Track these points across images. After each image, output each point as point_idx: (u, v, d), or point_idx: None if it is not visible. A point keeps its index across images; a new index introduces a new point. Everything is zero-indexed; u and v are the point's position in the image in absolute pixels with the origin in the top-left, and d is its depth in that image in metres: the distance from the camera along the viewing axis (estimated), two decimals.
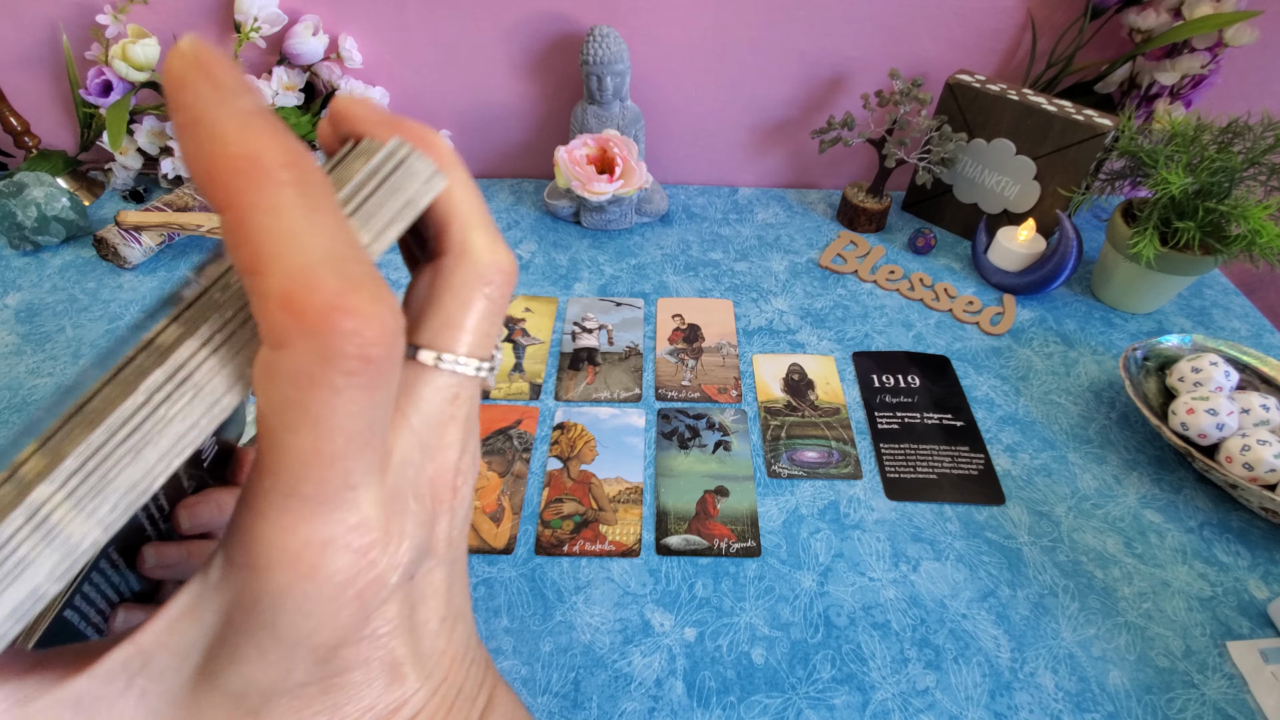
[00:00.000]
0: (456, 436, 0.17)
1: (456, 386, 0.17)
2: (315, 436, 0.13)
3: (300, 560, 0.13)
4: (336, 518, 0.14)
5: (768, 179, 0.87)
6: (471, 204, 0.17)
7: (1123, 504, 0.52)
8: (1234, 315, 0.69)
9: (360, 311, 0.12)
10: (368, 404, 0.13)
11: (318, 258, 0.12)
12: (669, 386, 0.60)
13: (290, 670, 0.15)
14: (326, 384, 0.12)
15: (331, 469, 0.13)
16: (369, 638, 0.16)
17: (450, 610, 0.18)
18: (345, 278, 0.12)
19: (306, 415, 0.12)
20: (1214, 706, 0.41)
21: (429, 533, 0.16)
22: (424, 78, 0.77)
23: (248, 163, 0.11)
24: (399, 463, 0.15)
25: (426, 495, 0.16)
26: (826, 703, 0.41)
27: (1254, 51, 0.71)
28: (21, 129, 0.76)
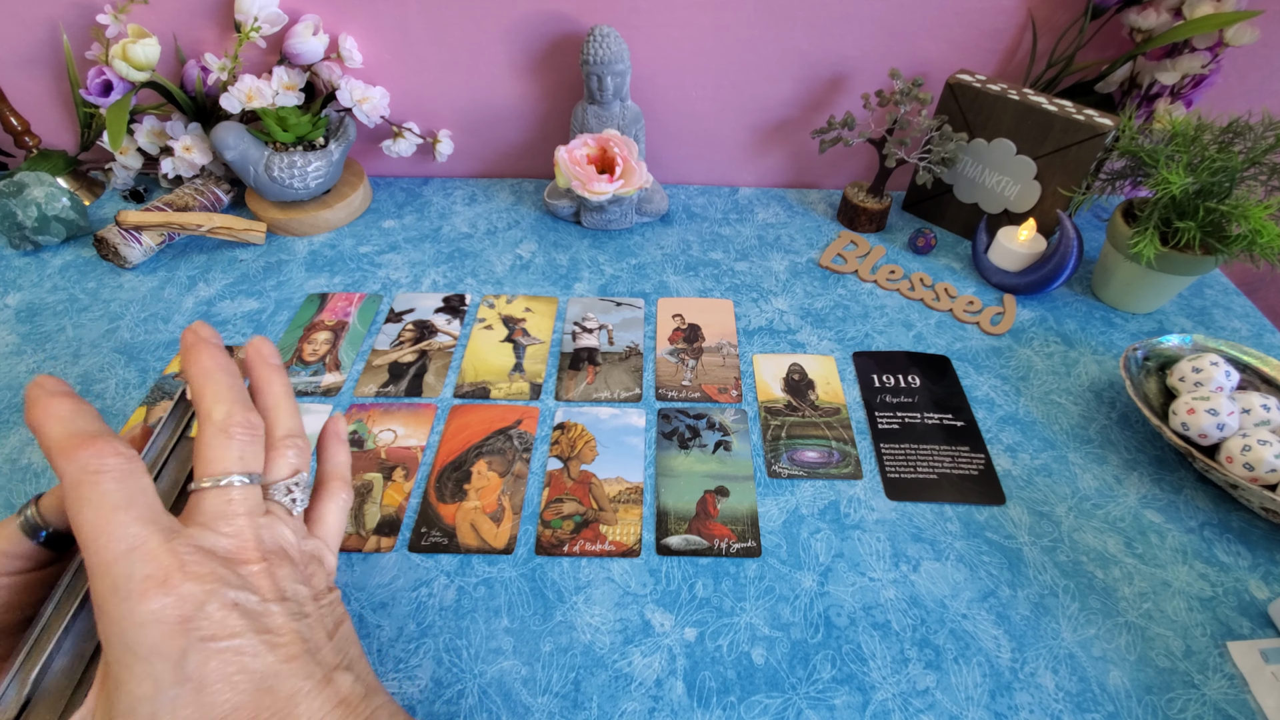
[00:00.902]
0: (242, 525, 0.26)
1: (226, 495, 0.26)
2: (90, 511, 0.22)
3: (118, 590, 0.22)
4: (131, 559, 0.22)
5: (768, 179, 0.87)
6: (214, 387, 0.27)
7: (1123, 504, 0.52)
8: (1234, 315, 0.69)
9: (96, 443, 0.23)
10: (120, 487, 0.22)
11: (71, 428, 0.23)
12: (669, 386, 0.60)
13: (158, 679, 0.21)
14: (86, 481, 0.22)
15: (109, 527, 0.22)
16: (211, 646, 0.22)
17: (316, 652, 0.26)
18: (89, 432, 0.23)
19: (81, 500, 0.22)
20: (1214, 707, 0.41)
21: (243, 580, 0.25)
22: (424, 78, 0.77)
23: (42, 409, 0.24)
24: (190, 536, 0.24)
25: (223, 557, 0.25)
26: (827, 703, 0.41)
27: (1255, 51, 0.71)
28: (22, 129, 0.76)
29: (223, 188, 0.76)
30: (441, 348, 0.63)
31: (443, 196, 0.83)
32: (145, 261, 0.71)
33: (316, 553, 0.30)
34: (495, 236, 0.77)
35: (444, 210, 0.80)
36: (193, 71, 0.73)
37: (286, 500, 0.29)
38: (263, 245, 0.74)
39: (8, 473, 0.51)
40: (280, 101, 0.71)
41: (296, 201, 0.75)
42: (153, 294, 0.67)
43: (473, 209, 0.81)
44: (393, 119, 0.80)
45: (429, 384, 0.59)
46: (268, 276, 0.70)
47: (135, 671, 0.21)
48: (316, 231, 0.76)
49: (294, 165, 0.71)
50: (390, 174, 0.86)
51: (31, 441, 0.53)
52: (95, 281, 0.69)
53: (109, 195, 0.80)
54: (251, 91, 0.70)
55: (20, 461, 0.52)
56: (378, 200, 0.82)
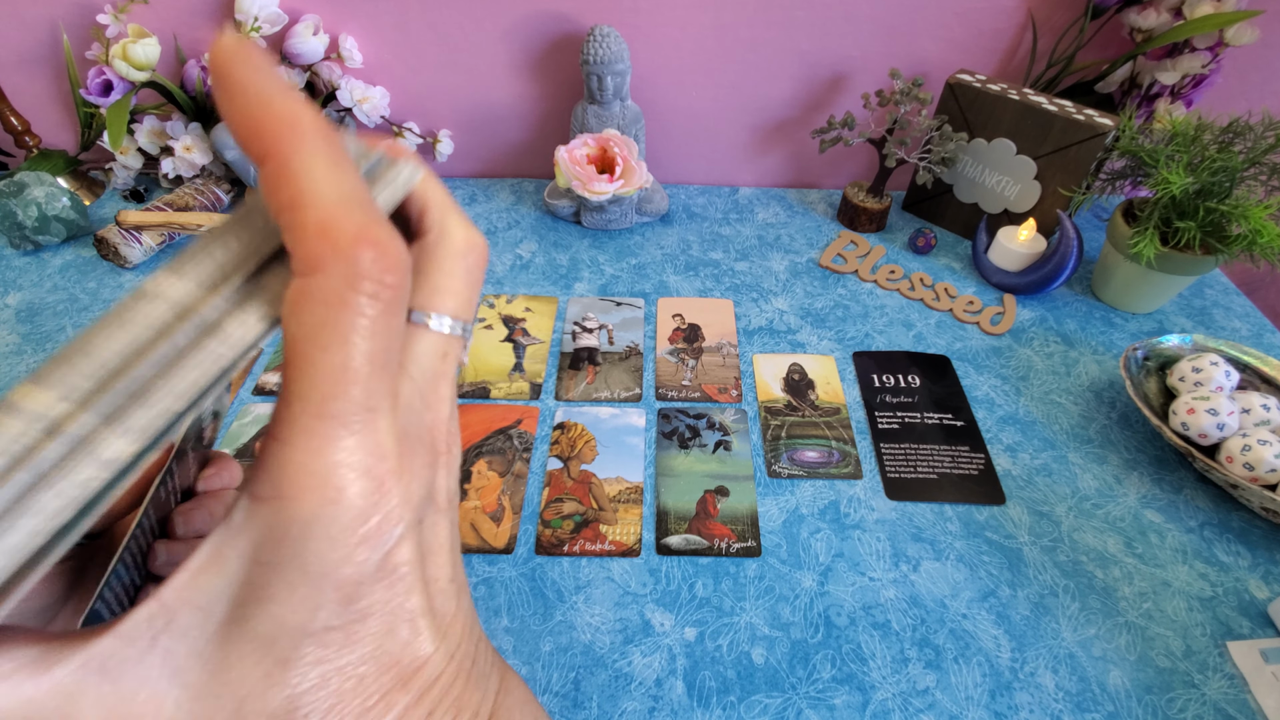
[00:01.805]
0: (447, 391, 0.19)
1: (445, 344, 0.19)
2: (344, 353, 0.14)
3: (327, 483, 0.14)
4: (358, 442, 0.15)
5: (768, 179, 0.87)
6: (443, 194, 0.20)
7: (1123, 504, 0.52)
8: (1234, 315, 0.69)
9: (381, 243, 0.14)
10: (385, 328, 0.15)
11: (348, 198, 0.14)
12: (669, 386, 0.60)
13: (317, 609, 0.15)
14: (354, 304, 0.14)
15: (356, 386, 0.14)
16: (387, 577, 0.16)
17: (456, 572, 0.19)
18: (367, 216, 0.14)
19: (337, 333, 0.14)
20: (1214, 706, 0.41)
21: (431, 480, 0.18)
22: (424, 78, 0.77)
23: (289, 121, 0.14)
24: (404, 405, 0.17)
25: (428, 441, 0.18)
26: (827, 702, 0.41)
27: (1255, 51, 0.71)
28: (22, 129, 0.76)
29: (223, 188, 0.76)
30: None
31: None
32: (145, 261, 0.71)
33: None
34: (495, 236, 0.77)
35: None
36: (193, 71, 0.73)
37: (467, 335, 0.21)
38: None
39: None
40: None
41: None
42: None
43: (473, 209, 0.81)
44: (393, 119, 0.80)
45: None
46: None
47: (297, 593, 0.15)
48: None
49: None
50: None
51: None
52: (95, 281, 0.69)
53: (109, 195, 0.80)
54: None
55: None
56: None
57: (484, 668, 0.20)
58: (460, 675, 0.19)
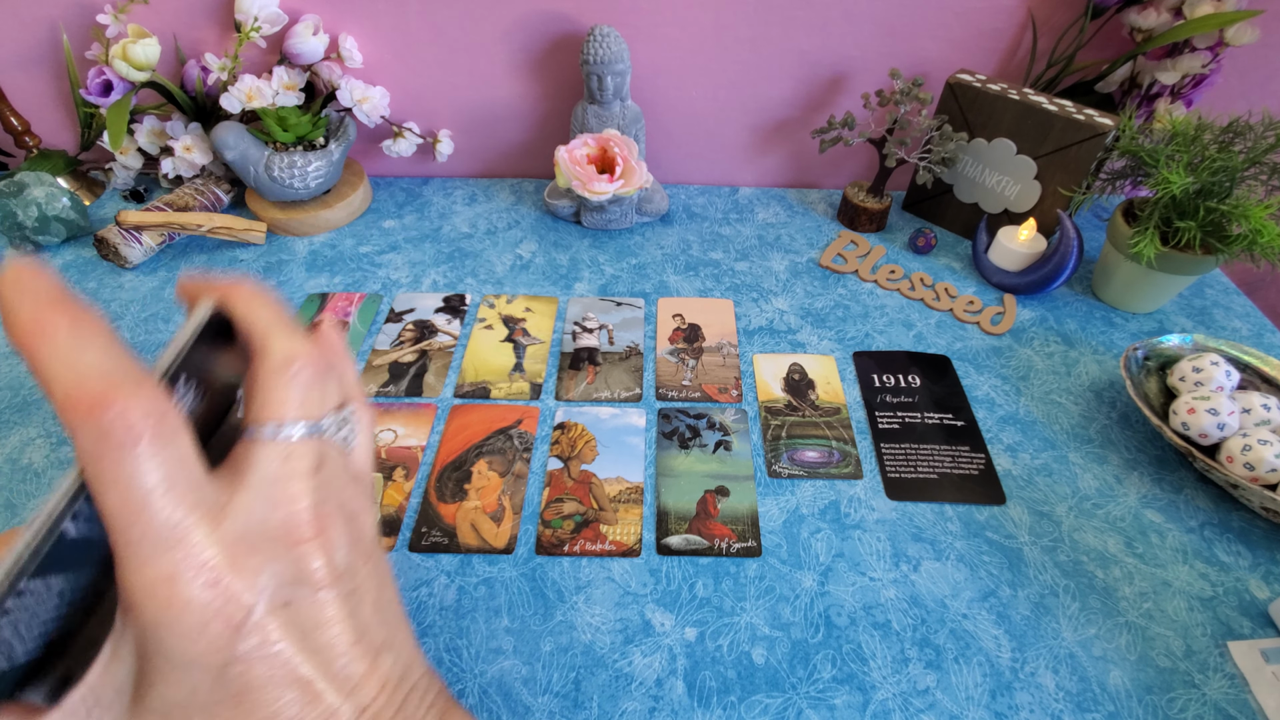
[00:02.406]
0: (301, 489, 0.21)
1: (285, 451, 0.21)
2: (116, 494, 0.17)
3: (156, 595, 0.17)
4: (173, 556, 0.17)
5: (768, 179, 0.87)
6: (266, 316, 0.22)
7: (1123, 504, 0.52)
8: (1235, 315, 0.69)
9: (118, 400, 0.16)
10: (155, 463, 0.17)
11: (83, 372, 0.16)
12: (669, 386, 0.60)
13: (194, 688, 0.18)
14: (109, 456, 0.16)
15: (143, 516, 0.17)
16: (258, 657, 0.19)
17: (363, 636, 0.22)
18: (106, 379, 0.16)
19: (105, 480, 0.16)
20: (1215, 706, 0.41)
21: (295, 566, 0.20)
22: (424, 78, 0.77)
23: (30, 321, 0.16)
24: (241, 514, 0.19)
25: (279, 536, 0.20)
26: (827, 703, 0.41)
27: (1255, 51, 0.71)
28: (22, 129, 0.76)
29: (223, 188, 0.76)
30: (442, 348, 0.63)
31: (443, 196, 0.83)
32: (145, 261, 0.71)
33: (367, 491, 0.25)
34: (495, 236, 0.77)
35: (444, 210, 0.80)
36: (193, 71, 0.73)
37: (340, 437, 0.23)
38: (263, 245, 0.74)
39: (8, 473, 0.51)
40: (280, 101, 0.71)
41: (296, 201, 0.75)
42: (153, 294, 0.67)
43: (473, 209, 0.81)
44: (393, 119, 0.80)
45: (429, 384, 0.59)
46: (268, 276, 0.70)
47: (170, 677, 0.18)
48: (316, 231, 0.76)
49: (294, 165, 0.71)
50: (390, 174, 0.86)
51: (32, 441, 0.53)
52: (96, 281, 0.69)
53: (109, 195, 0.80)
54: (251, 91, 0.70)
55: (20, 461, 0.52)
56: (378, 200, 0.82)
57: (415, 712, 0.23)
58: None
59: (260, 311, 0.22)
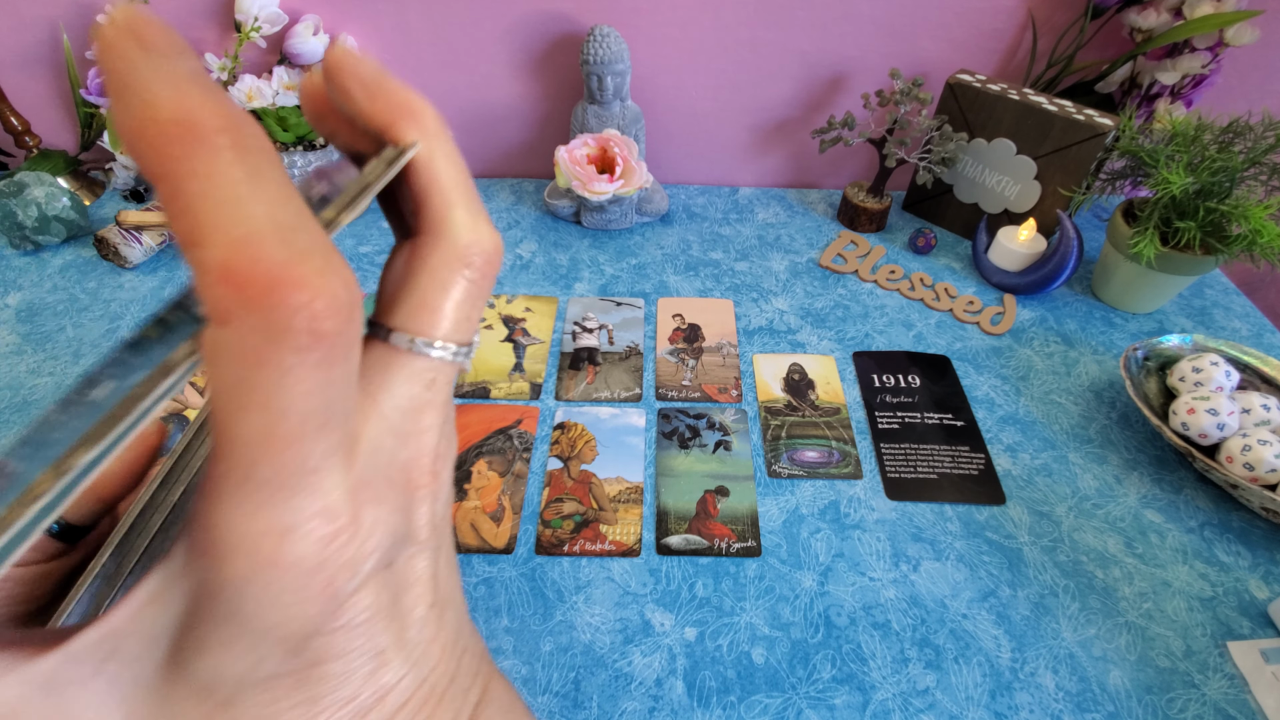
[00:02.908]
0: (433, 422, 0.16)
1: (432, 371, 0.16)
2: (266, 418, 0.12)
3: (259, 548, 0.13)
4: (296, 504, 0.13)
5: (768, 179, 0.87)
6: (453, 179, 0.16)
7: (1123, 504, 0.52)
8: (1235, 315, 0.69)
9: (307, 283, 0.11)
10: (322, 383, 0.12)
11: (260, 226, 0.11)
12: (669, 386, 0.60)
13: (260, 661, 0.14)
14: (275, 362, 0.11)
15: (286, 452, 0.12)
16: (344, 628, 0.15)
17: (438, 596, 0.18)
18: (290, 247, 0.11)
19: (255, 396, 0.11)
20: (1214, 706, 0.41)
21: (407, 519, 0.16)
22: (424, 78, 0.77)
23: (181, 128, 0.11)
24: (369, 449, 0.15)
25: (401, 482, 0.16)
26: (827, 702, 0.41)
27: (1255, 51, 0.71)
28: (22, 129, 0.76)
29: None
30: None
31: None
32: (145, 261, 0.71)
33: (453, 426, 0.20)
34: None
35: None
36: None
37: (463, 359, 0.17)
38: None
39: None
40: (280, 101, 0.71)
41: None
42: (153, 294, 0.67)
43: None
44: None
45: None
46: None
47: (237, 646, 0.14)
48: None
49: (294, 165, 0.71)
50: None
51: None
52: (96, 281, 0.69)
53: (109, 195, 0.80)
54: (251, 91, 0.70)
55: None
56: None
57: (464, 682, 0.19)
58: (432, 697, 0.18)
59: (453, 172, 0.16)
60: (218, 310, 0.11)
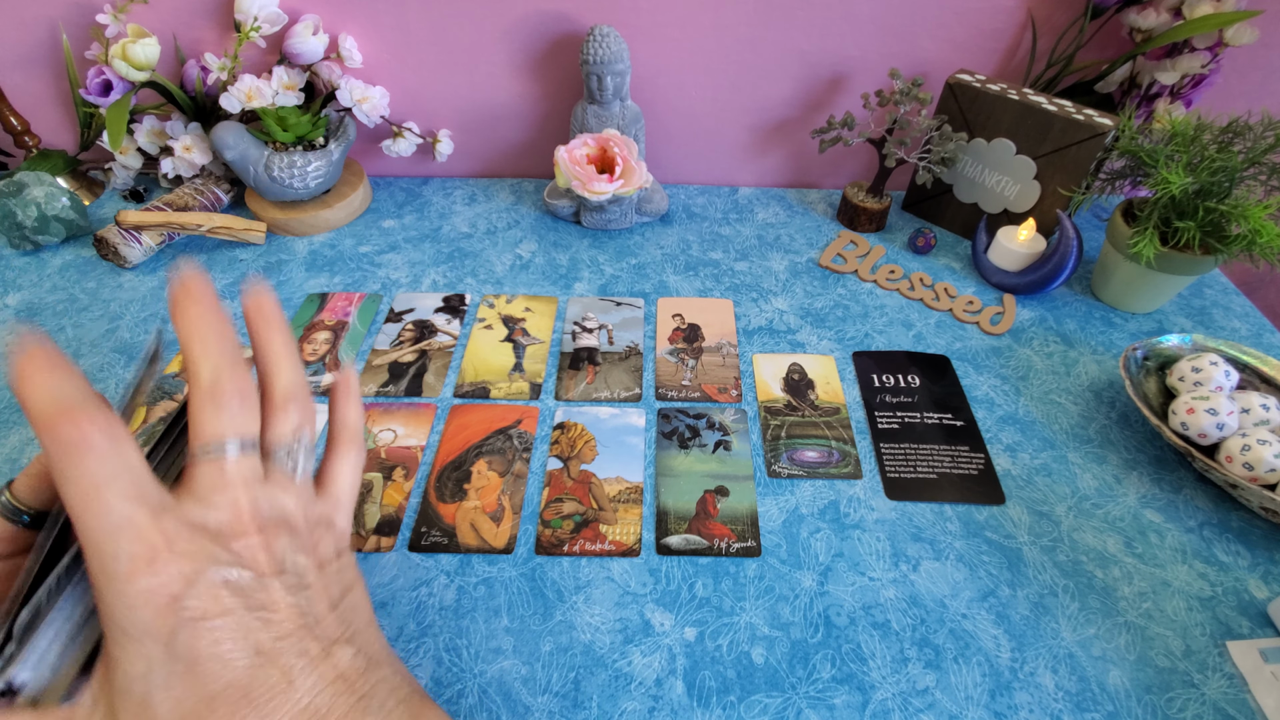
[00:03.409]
0: (239, 497, 0.24)
1: (220, 466, 0.24)
2: (75, 488, 0.20)
3: (106, 569, 0.21)
4: (121, 538, 0.21)
5: (768, 179, 0.87)
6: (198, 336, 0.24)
7: (1123, 504, 0.52)
8: (1234, 315, 0.69)
9: (75, 416, 0.20)
10: (104, 464, 0.20)
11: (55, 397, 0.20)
12: (669, 386, 0.60)
13: (150, 659, 0.21)
14: (68, 458, 0.20)
15: (94, 505, 0.20)
16: (205, 625, 0.22)
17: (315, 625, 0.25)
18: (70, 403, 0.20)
19: (65, 478, 0.20)
20: (1214, 706, 0.41)
21: (235, 555, 0.23)
22: (424, 78, 0.77)
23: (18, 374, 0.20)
24: (182, 512, 0.22)
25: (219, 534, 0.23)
26: (826, 702, 0.41)
27: (1254, 51, 0.71)
28: (21, 129, 0.76)
29: (223, 187, 0.76)
30: (441, 347, 0.63)
31: (443, 196, 0.83)
32: (145, 261, 0.71)
33: (325, 518, 0.28)
34: (495, 236, 0.77)
35: (444, 210, 0.80)
36: (193, 71, 0.73)
37: (288, 464, 0.26)
38: (263, 245, 0.74)
39: (8, 473, 0.51)
40: (280, 101, 0.71)
41: (296, 201, 0.75)
42: (153, 294, 0.67)
43: (473, 209, 0.81)
44: (393, 119, 0.80)
45: (429, 384, 0.59)
46: (268, 276, 0.70)
47: (128, 650, 0.21)
48: (316, 231, 0.76)
49: (294, 165, 0.71)
50: (390, 174, 0.86)
51: (33, 441, 0.53)
52: (95, 281, 0.69)
53: (109, 195, 0.80)
54: (251, 91, 0.70)
55: (20, 461, 0.52)
56: (378, 200, 0.82)
57: (383, 703, 0.26)
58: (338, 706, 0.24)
59: (194, 329, 0.24)
60: (42, 440, 0.20)
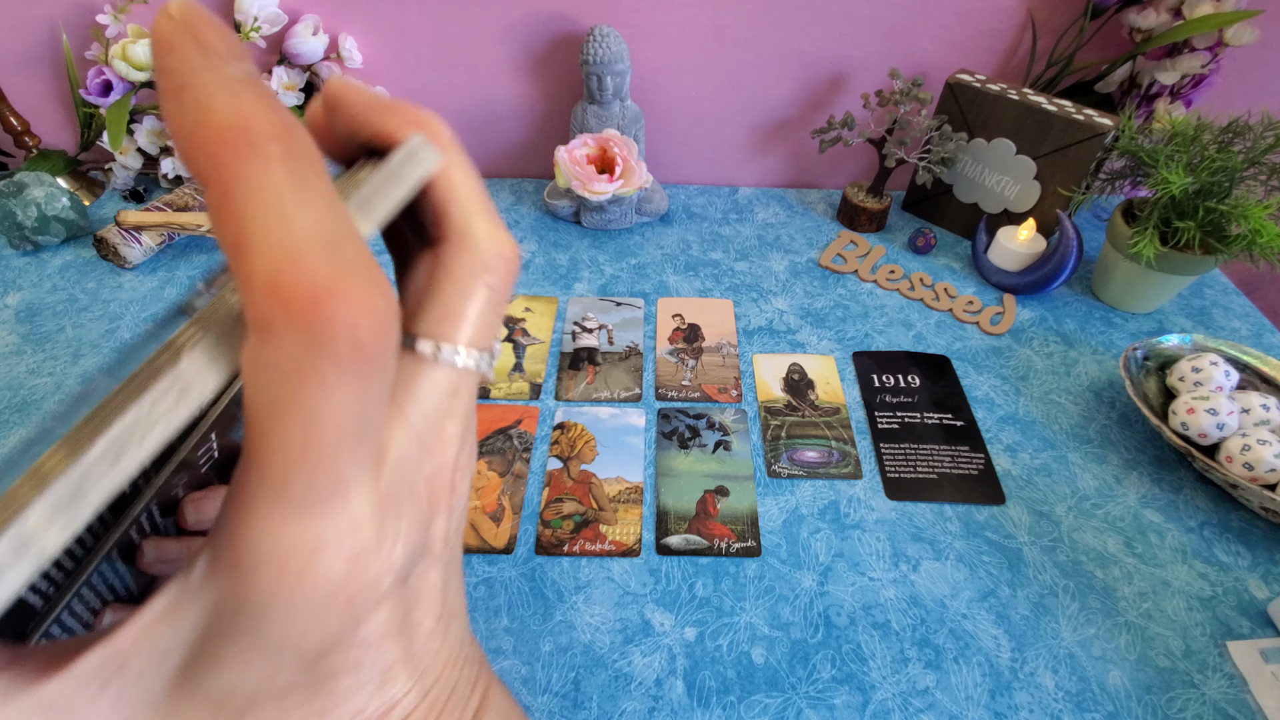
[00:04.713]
0: (455, 432, 0.16)
1: (456, 380, 0.16)
2: (305, 432, 0.12)
3: (288, 564, 0.13)
4: (328, 520, 0.13)
5: (768, 179, 0.87)
6: (472, 189, 0.17)
7: (1123, 504, 0.52)
8: (1234, 315, 0.69)
9: (352, 298, 0.11)
10: (361, 398, 0.12)
11: (307, 238, 0.11)
12: (669, 386, 0.60)
13: (275, 674, 0.14)
14: (316, 377, 0.11)
15: (322, 467, 0.12)
16: (360, 643, 0.15)
17: (445, 609, 0.18)
18: (337, 261, 0.11)
19: (295, 410, 0.11)
20: (1214, 706, 0.41)
21: (425, 533, 0.16)
22: (424, 78, 0.77)
23: (235, 133, 0.11)
24: (395, 460, 0.14)
25: (423, 494, 0.15)
26: (826, 702, 0.41)
27: (1254, 51, 0.71)
28: (21, 129, 0.76)
29: None
30: None
31: None
32: (145, 261, 0.71)
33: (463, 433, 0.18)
34: None
35: None
36: None
37: (486, 367, 0.17)
38: None
39: None
40: None
41: None
42: (153, 294, 0.67)
43: None
44: None
45: None
46: None
47: (254, 659, 0.14)
48: None
49: None
50: None
51: None
52: (95, 282, 0.69)
53: (109, 195, 0.80)
54: None
55: None
56: None
57: (464, 691, 0.19)
58: (434, 709, 0.18)
59: (470, 182, 0.17)
60: (261, 322, 0.11)
